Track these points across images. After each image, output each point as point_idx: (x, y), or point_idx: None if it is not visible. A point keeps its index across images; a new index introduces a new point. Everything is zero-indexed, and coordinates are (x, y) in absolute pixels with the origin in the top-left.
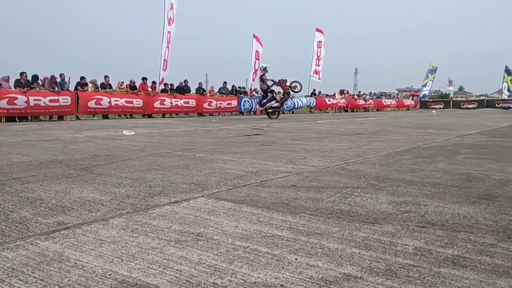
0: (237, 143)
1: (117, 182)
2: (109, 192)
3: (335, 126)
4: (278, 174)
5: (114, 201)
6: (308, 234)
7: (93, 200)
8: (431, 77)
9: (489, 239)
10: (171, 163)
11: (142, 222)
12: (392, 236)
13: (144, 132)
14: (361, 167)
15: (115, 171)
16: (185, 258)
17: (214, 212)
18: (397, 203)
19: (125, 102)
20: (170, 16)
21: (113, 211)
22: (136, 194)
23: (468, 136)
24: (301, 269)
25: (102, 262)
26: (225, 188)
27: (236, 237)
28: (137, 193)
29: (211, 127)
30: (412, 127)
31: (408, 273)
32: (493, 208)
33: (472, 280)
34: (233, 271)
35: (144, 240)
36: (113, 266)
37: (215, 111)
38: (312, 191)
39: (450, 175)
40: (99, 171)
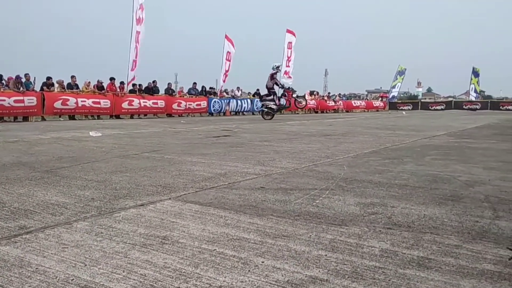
0: (206, 144)
1: (82, 185)
2: (74, 195)
3: (304, 127)
4: (246, 176)
5: (79, 204)
6: (275, 236)
7: (57, 203)
8: (400, 78)
9: (454, 240)
10: (138, 165)
11: (106, 225)
12: (359, 238)
13: (111, 133)
14: (329, 168)
15: (81, 173)
16: (150, 262)
17: (181, 215)
18: (365, 204)
19: (92, 103)
20: (139, 16)
21: (77, 215)
22: (101, 197)
23: (435, 138)
24: (268, 272)
25: (64, 267)
26: (192, 191)
27: (202, 240)
28: (102, 196)
29: (180, 128)
30: (380, 129)
31: (374, 275)
32: (458, 209)
33: (437, 281)
34: (199, 275)
35: (108, 244)
36: (75, 271)
37: (184, 112)
38: (280, 193)
39: (417, 176)
40: (64, 173)
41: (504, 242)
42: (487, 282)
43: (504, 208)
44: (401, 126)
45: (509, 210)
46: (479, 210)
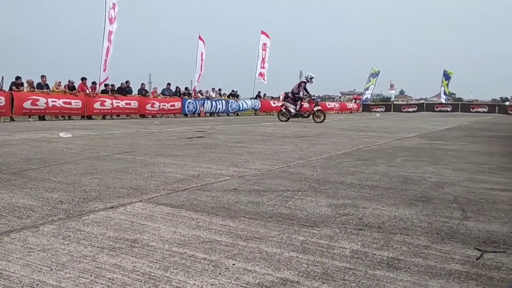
0: (179, 145)
1: (50, 187)
2: (41, 197)
3: (279, 129)
4: (219, 177)
5: (46, 207)
6: (247, 238)
7: (24, 206)
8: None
9: (424, 241)
10: (109, 167)
11: (74, 229)
12: (330, 239)
13: (82, 134)
14: (303, 169)
15: (49, 175)
16: (118, 266)
17: (152, 218)
18: (336, 205)
19: (63, 103)
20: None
21: (45, 218)
22: (70, 200)
23: (407, 139)
24: (238, 274)
25: (29, 271)
26: (164, 193)
27: (173, 243)
28: (71, 199)
29: (153, 129)
30: (354, 130)
31: (344, 276)
32: (428, 210)
33: (406, 282)
34: (168, 278)
35: (76, 248)
36: (41, 276)
37: (158, 113)
38: (253, 195)
39: (389, 177)
40: (31, 175)
41: (472, 242)
42: (455, 282)
43: (472, 209)
44: (374, 128)
45: (477, 211)
46: (448, 211)
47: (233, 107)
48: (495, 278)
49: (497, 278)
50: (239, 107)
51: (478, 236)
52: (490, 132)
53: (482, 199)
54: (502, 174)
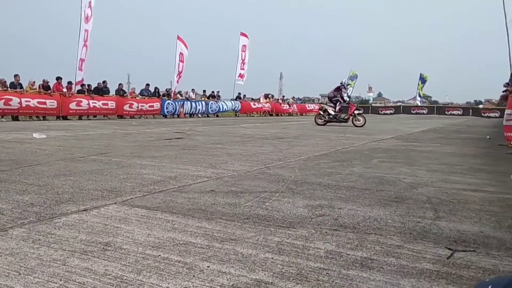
0: (157, 147)
1: (21, 189)
2: (12, 200)
3: (259, 130)
4: (197, 179)
5: (16, 210)
6: (223, 240)
7: None
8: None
9: (396, 241)
10: (83, 168)
11: (45, 232)
12: (306, 240)
13: (57, 135)
14: (281, 171)
15: (20, 177)
16: (89, 270)
17: (126, 220)
18: (313, 206)
19: (38, 103)
20: (88, 13)
21: (14, 221)
22: (41, 202)
23: (384, 141)
24: (213, 276)
25: None
26: (140, 195)
27: (147, 245)
28: (42, 201)
29: (131, 130)
30: (332, 132)
31: (318, 277)
32: (402, 210)
33: (378, 281)
34: (141, 281)
35: (46, 252)
36: (8, 281)
37: (136, 114)
38: (230, 196)
39: (365, 178)
40: (2, 177)
41: (443, 242)
42: (426, 281)
43: (444, 209)
44: (352, 130)
45: (449, 211)
46: (421, 211)
47: (213, 108)
48: (465, 277)
49: (466, 276)
50: (219, 108)
51: (449, 235)
52: (464, 134)
53: (454, 200)
54: (474, 175)
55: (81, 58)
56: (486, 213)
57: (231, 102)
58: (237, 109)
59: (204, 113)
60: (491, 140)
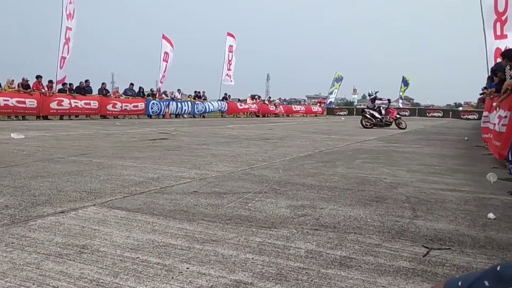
0: (141, 147)
1: None
2: None
3: (244, 131)
4: (180, 180)
5: None
6: (204, 241)
7: None
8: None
9: (375, 240)
10: (62, 169)
11: (19, 235)
12: (287, 240)
13: (36, 136)
14: (265, 172)
15: None
16: (64, 273)
17: (105, 222)
18: (295, 207)
19: (17, 102)
20: (70, 10)
21: None
22: (16, 204)
23: (366, 142)
24: (192, 278)
25: None
26: (120, 196)
27: (125, 248)
28: (18, 203)
29: (114, 130)
30: (317, 133)
31: (298, 276)
32: (381, 209)
33: (356, 280)
34: (118, 284)
35: (20, 255)
36: None
37: (120, 114)
38: (213, 197)
39: (347, 178)
40: None
41: (420, 240)
42: (402, 279)
43: (422, 208)
44: (336, 131)
45: (427, 210)
46: (400, 210)
47: (199, 109)
48: (439, 274)
49: (441, 274)
50: (205, 109)
51: (426, 234)
52: (444, 136)
53: (431, 199)
54: (452, 175)
55: (62, 56)
56: (461, 212)
57: (218, 103)
58: (223, 110)
59: (190, 114)
60: (469, 141)
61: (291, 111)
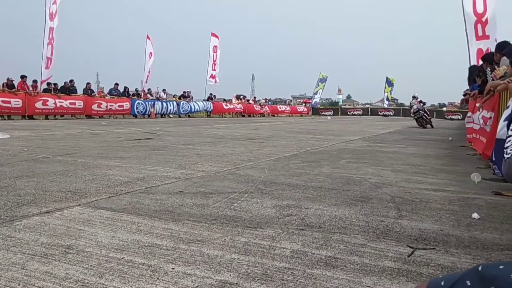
0: (126, 147)
1: None
2: None
3: (230, 131)
4: (165, 180)
5: None
6: (189, 241)
7: None
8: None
9: (360, 239)
10: (47, 169)
11: (4, 235)
12: (272, 240)
13: (21, 135)
14: (251, 171)
15: None
16: (49, 274)
17: (90, 222)
18: (281, 207)
19: (1, 102)
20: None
21: None
22: (1, 204)
23: (351, 142)
24: (177, 279)
25: None
26: (105, 196)
27: (110, 248)
28: (3, 203)
29: (99, 130)
30: (302, 133)
31: (283, 276)
32: (366, 209)
33: (341, 280)
34: (103, 285)
35: (5, 255)
36: None
37: (105, 114)
38: (199, 197)
39: (332, 178)
40: None
41: (405, 240)
42: (387, 279)
43: (407, 208)
44: (321, 131)
45: (412, 210)
46: (385, 210)
47: (185, 109)
48: (424, 274)
49: (426, 274)
50: (190, 108)
51: (411, 234)
52: (428, 136)
53: (416, 199)
54: (436, 175)
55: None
56: (446, 212)
57: (203, 103)
58: (209, 110)
59: (175, 114)
60: (453, 141)
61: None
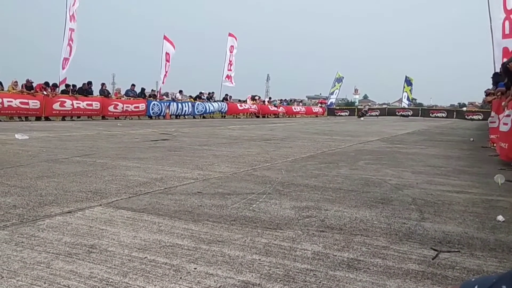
0: (143, 148)
1: (3, 191)
2: None
3: (245, 132)
4: (183, 180)
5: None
6: (210, 242)
7: None
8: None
9: (383, 242)
10: (67, 170)
11: (28, 234)
12: (293, 241)
13: (40, 136)
14: (268, 173)
15: (3, 178)
16: (74, 273)
17: (111, 222)
18: (300, 208)
19: (20, 103)
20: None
21: None
22: (24, 204)
23: (369, 143)
24: (200, 278)
25: None
26: (125, 196)
27: (133, 248)
28: (25, 203)
29: (116, 131)
30: (318, 134)
31: (305, 278)
32: (388, 211)
33: (365, 282)
34: (127, 284)
35: (30, 254)
36: None
37: (121, 115)
38: (217, 198)
39: (351, 180)
40: None
41: (429, 243)
42: (411, 282)
43: (429, 210)
44: (338, 132)
45: (434, 212)
46: (407, 212)
47: (200, 110)
48: (450, 277)
49: (451, 277)
50: (205, 109)
51: (434, 236)
52: (448, 137)
53: (438, 201)
54: (458, 177)
55: (65, 57)
56: (470, 214)
57: (218, 104)
58: (223, 111)
59: (190, 115)
60: (475, 142)
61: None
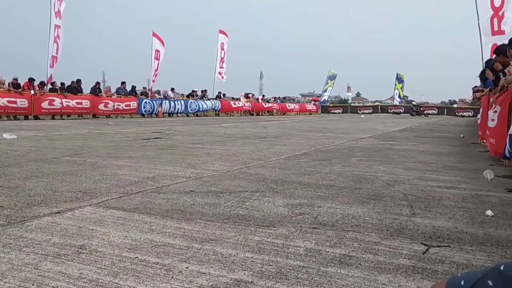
0: (134, 147)
1: None
2: None
3: (239, 130)
4: (176, 179)
5: None
6: (202, 241)
7: None
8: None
9: (374, 237)
10: (56, 170)
11: (16, 235)
12: (286, 239)
13: (29, 136)
14: (261, 170)
15: None
16: (63, 274)
17: (102, 222)
18: (293, 205)
19: (7, 102)
20: (58, 8)
21: None
22: (12, 205)
23: (362, 140)
24: (192, 277)
25: None
26: (116, 196)
27: (123, 248)
28: (13, 204)
29: (107, 130)
30: (312, 131)
31: (298, 275)
32: (379, 207)
33: (356, 278)
34: (117, 284)
35: (17, 256)
36: None
37: (112, 113)
38: (210, 196)
39: (344, 177)
40: None
41: (419, 238)
42: (402, 276)
43: (420, 206)
44: (331, 129)
45: (425, 207)
46: (398, 208)
47: (193, 108)
48: (439, 271)
49: (441, 271)
50: (199, 107)
51: (424, 231)
52: (439, 133)
53: (429, 197)
54: (448, 173)
55: (52, 55)
56: (459, 209)
57: (211, 102)
58: (217, 109)
59: (183, 113)
60: (465, 138)
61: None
